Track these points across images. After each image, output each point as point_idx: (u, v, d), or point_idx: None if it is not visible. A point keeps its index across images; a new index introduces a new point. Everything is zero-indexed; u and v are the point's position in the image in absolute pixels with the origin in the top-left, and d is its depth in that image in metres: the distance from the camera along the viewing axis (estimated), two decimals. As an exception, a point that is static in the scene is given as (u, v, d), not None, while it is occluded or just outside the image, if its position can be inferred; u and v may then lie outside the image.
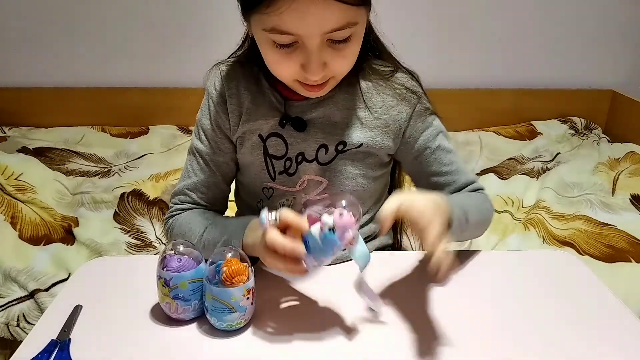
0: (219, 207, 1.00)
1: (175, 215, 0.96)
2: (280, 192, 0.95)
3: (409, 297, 0.84)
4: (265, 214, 0.71)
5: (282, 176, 0.93)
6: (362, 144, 0.90)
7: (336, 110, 0.90)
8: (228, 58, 0.96)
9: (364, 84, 0.91)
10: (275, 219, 0.71)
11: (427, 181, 0.96)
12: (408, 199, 0.70)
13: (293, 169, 0.92)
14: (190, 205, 0.96)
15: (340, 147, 0.91)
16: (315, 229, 0.68)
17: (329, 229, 0.66)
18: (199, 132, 0.96)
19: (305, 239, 0.69)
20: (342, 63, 0.80)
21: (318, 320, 0.77)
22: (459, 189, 0.95)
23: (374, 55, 0.93)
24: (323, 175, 0.92)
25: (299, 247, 0.68)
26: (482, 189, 0.98)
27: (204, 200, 0.97)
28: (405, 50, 0.96)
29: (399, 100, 0.91)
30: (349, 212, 0.67)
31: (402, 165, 1.00)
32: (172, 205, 0.98)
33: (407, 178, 1.11)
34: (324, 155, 0.91)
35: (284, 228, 0.72)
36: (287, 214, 0.70)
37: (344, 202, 0.68)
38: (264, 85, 0.91)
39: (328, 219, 0.67)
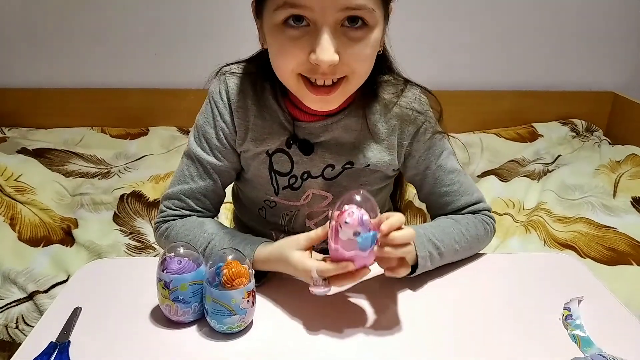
0: (213, 213, 0.96)
1: (169, 221, 0.92)
2: (283, 205, 0.94)
3: (410, 297, 0.83)
4: (318, 290, 0.73)
5: (286, 191, 0.92)
6: (369, 165, 0.90)
7: (344, 133, 0.89)
8: (234, 63, 0.93)
9: (372, 108, 0.89)
10: (324, 279, 0.74)
11: (426, 197, 0.97)
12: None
13: (298, 184, 0.92)
14: (184, 212, 0.92)
15: (347, 166, 0.90)
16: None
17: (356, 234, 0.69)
18: (200, 138, 0.91)
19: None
20: (356, 56, 0.74)
21: (318, 323, 0.77)
22: (458, 210, 0.95)
23: (385, 75, 0.91)
24: (328, 190, 0.92)
25: (348, 265, 0.71)
26: (483, 210, 0.96)
27: (199, 207, 0.93)
28: (406, 53, 0.96)
29: (405, 122, 0.90)
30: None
31: (404, 176, 0.99)
32: (164, 208, 0.93)
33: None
34: (330, 172, 0.91)
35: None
36: (324, 265, 0.73)
37: (358, 198, 0.71)
38: (272, 102, 0.89)
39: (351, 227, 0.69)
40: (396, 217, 0.72)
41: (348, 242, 0.70)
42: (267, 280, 0.85)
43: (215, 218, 0.97)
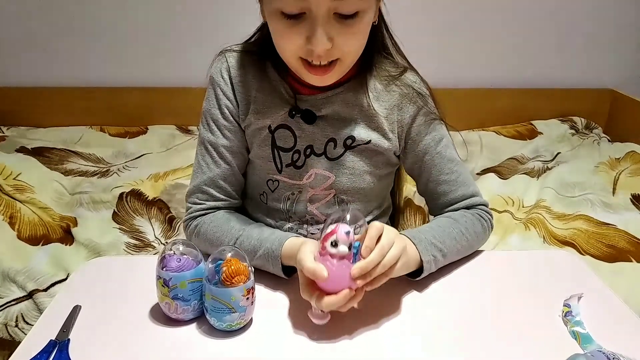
0: (237, 200, 0.98)
1: (198, 217, 0.93)
2: (286, 185, 0.95)
3: (410, 295, 0.84)
4: (317, 321, 0.74)
5: (289, 169, 0.93)
6: (370, 140, 0.91)
7: (345, 107, 0.90)
8: (235, 45, 0.95)
9: (372, 83, 0.91)
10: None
11: (424, 187, 0.97)
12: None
13: (301, 162, 0.92)
14: (210, 203, 0.94)
15: (348, 142, 0.91)
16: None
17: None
18: (208, 123, 0.93)
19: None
20: (349, 41, 0.79)
21: (318, 320, 0.77)
22: (454, 202, 0.95)
23: (385, 53, 0.93)
24: (331, 170, 0.93)
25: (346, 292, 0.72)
26: (480, 205, 0.97)
27: (222, 194, 0.94)
28: (406, 50, 0.96)
29: (405, 101, 0.91)
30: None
31: (403, 166, 0.99)
32: (189, 205, 0.95)
33: (408, 179, 1.10)
34: (332, 150, 0.91)
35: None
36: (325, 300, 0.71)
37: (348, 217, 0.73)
38: (273, 76, 0.91)
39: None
40: (369, 236, 0.72)
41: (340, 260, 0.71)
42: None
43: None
